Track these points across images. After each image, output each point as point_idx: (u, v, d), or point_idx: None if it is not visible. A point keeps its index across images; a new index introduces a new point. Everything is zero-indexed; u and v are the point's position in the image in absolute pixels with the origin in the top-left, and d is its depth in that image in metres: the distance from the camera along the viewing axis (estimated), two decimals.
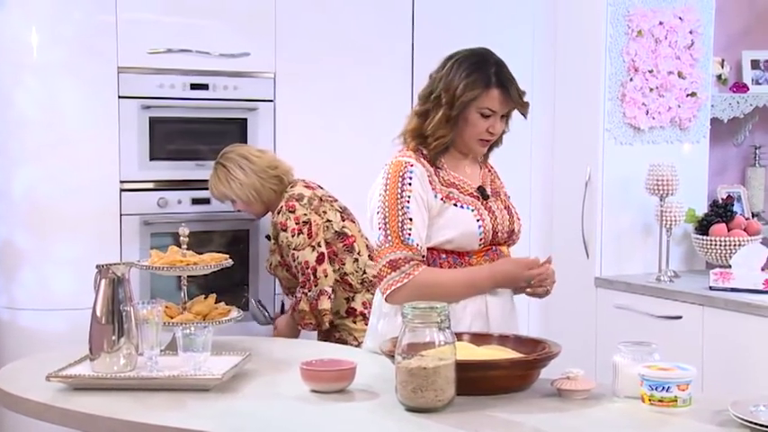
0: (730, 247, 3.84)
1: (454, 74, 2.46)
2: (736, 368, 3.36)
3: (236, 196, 3.24)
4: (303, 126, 3.59)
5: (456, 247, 2.44)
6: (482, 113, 2.46)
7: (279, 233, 3.16)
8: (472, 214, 2.46)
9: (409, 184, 2.40)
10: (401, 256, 2.37)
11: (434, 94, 2.48)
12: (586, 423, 1.91)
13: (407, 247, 2.37)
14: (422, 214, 2.40)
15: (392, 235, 2.38)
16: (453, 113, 2.44)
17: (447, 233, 2.43)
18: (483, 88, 2.45)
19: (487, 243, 2.48)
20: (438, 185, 2.45)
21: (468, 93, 2.43)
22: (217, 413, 1.98)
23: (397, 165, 2.44)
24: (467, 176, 2.54)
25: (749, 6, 4.57)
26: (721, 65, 4.41)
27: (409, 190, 2.40)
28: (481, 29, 3.86)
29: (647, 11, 3.91)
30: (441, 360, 1.92)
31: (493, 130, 2.50)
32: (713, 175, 4.32)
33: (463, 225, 2.44)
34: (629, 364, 2.05)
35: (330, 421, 1.95)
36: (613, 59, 3.89)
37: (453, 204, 2.45)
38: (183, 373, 2.14)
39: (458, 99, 2.43)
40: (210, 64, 3.43)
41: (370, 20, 3.72)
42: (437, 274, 2.41)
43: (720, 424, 1.86)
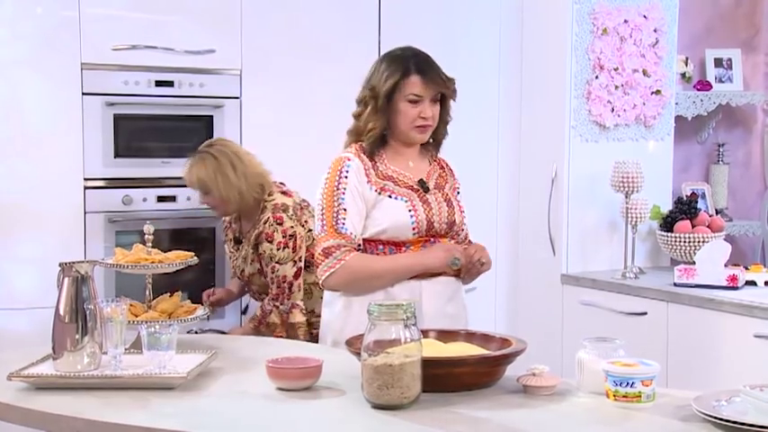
0: (694, 243, 3.87)
1: (376, 69, 2.61)
2: (700, 363, 3.40)
3: (218, 191, 3.15)
4: (269, 123, 3.58)
5: (390, 237, 2.54)
6: (409, 100, 2.57)
7: (262, 242, 3.13)
8: (405, 205, 2.56)
9: (345, 177, 2.53)
10: (333, 243, 2.50)
11: (362, 93, 2.62)
12: (551, 419, 1.92)
13: (340, 236, 2.50)
14: (357, 205, 2.53)
15: (327, 225, 2.52)
16: (380, 104, 2.56)
17: (381, 224, 2.54)
18: (402, 75, 2.56)
19: (422, 234, 2.58)
20: (374, 178, 2.56)
21: (389, 81, 2.55)
22: (182, 412, 1.96)
23: (337, 161, 2.58)
24: (408, 170, 2.63)
25: (712, 5, 4.62)
26: (685, 63, 4.45)
27: (345, 183, 2.53)
28: (447, 28, 3.88)
29: (612, 9, 3.94)
30: (407, 357, 1.92)
31: (424, 115, 2.58)
32: (677, 173, 4.37)
33: (395, 216, 2.55)
34: (593, 360, 2.06)
35: (296, 419, 1.94)
36: (579, 57, 3.92)
37: (387, 196, 2.56)
38: (147, 371, 2.12)
39: (381, 89, 2.55)
40: (176, 61, 3.41)
41: (337, 18, 3.71)
42: (367, 258, 2.54)
43: (683, 419, 1.87)
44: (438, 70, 2.59)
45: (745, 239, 4.68)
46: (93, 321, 2.19)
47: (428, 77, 2.56)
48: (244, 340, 2.90)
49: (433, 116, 2.60)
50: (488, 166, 4.04)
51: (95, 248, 3.27)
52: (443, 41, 3.78)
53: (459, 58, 3.82)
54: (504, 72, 4.05)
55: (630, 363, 2.00)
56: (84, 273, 2.22)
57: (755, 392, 1.84)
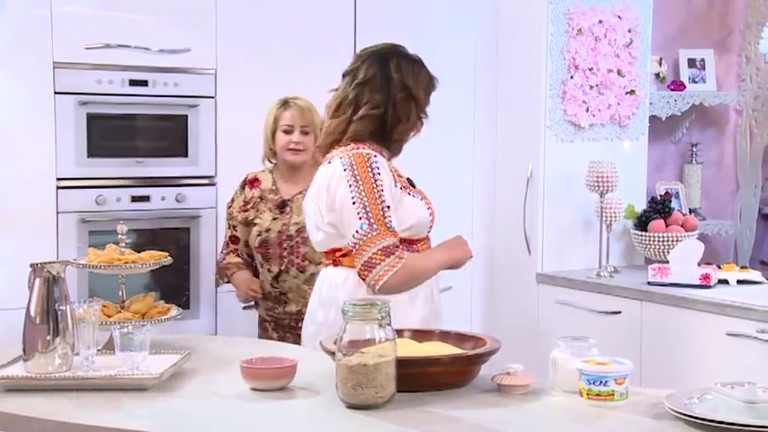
0: (668, 242, 3.90)
1: (408, 71, 2.56)
2: (674, 362, 3.42)
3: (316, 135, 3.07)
4: (245, 123, 3.55)
5: (412, 234, 2.52)
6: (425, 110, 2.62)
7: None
8: (422, 203, 2.56)
9: (378, 173, 2.46)
10: (392, 242, 2.43)
11: (401, 95, 2.54)
12: (525, 418, 1.92)
13: (393, 234, 2.44)
14: (393, 203, 2.47)
15: (377, 223, 2.42)
16: (421, 105, 2.58)
17: (407, 221, 2.50)
18: (432, 78, 2.63)
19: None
20: (395, 175, 2.53)
21: (429, 85, 2.60)
22: (155, 413, 1.95)
23: (359, 156, 2.47)
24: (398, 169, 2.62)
25: (686, 6, 4.65)
26: (659, 63, 4.48)
27: (380, 179, 2.45)
28: (423, 28, 3.88)
29: (587, 9, 3.95)
30: (381, 357, 1.92)
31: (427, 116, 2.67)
32: (652, 172, 4.39)
33: (419, 213, 2.53)
34: (567, 358, 2.07)
35: (270, 419, 1.93)
36: (554, 57, 3.93)
37: (408, 194, 2.53)
38: (120, 372, 2.10)
39: (425, 94, 2.58)
40: (150, 60, 3.39)
41: (313, 18, 3.71)
42: (417, 256, 2.52)
43: (656, 417, 1.88)
44: None
45: (719, 238, 4.71)
46: (64, 322, 2.17)
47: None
48: (218, 341, 2.89)
49: None
50: (464, 165, 4.05)
51: (68, 249, 3.25)
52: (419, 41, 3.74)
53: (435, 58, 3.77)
54: (479, 72, 4.06)
55: (604, 361, 2.01)
56: (56, 273, 2.20)
57: (727, 390, 1.86)
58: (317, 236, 2.55)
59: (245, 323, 3.48)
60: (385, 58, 2.56)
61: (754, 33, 4.50)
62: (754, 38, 4.45)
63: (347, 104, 2.55)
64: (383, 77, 2.53)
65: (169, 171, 3.47)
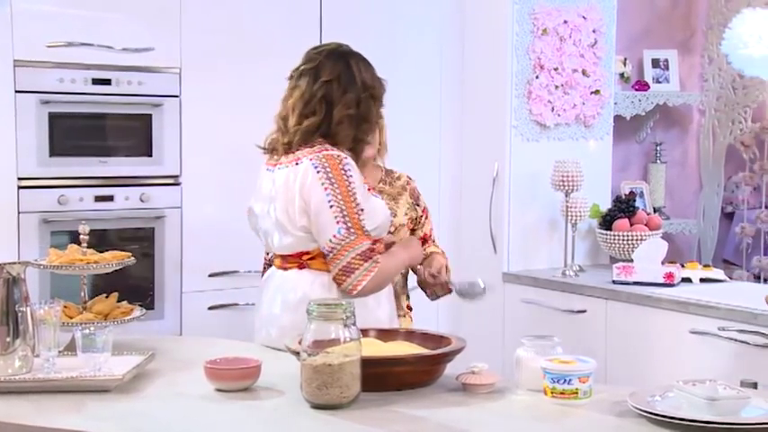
0: (632, 241, 3.93)
1: (368, 72, 2.56)
2: (638, 360, 3.45)
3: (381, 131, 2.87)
4: (210, 122, 3.54)
5: (376, 234, 2.51)
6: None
7: (419, 196, 2.97)
8: (384, 203, 2.57)
9: (351, 175, 2.44)
10: (368, 246, 2.42)
11: (365, 94, 2.53)
12: (490, 416, 1.93)
13: (369, 237, 2.43)
14: (365, 204, 2.47)
15: (354, 227, 2.40)
16: (379, 109, 2.59)
17: (373, 221, 2.48)
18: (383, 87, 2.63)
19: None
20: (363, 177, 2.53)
21: (383, 87, 2.59)
22: (117, 414, 1.94)
23: (331, 158, 2.44)
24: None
25: (650, 7, 4.69)
26: (624, 63, 4.52)
27: (353, 181, 2.44)
28: (389, 27, 3.88)
29: (552, 10, 3.97)
30: (346, 357, 1.92)
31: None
32: (616, 172, 4.42)
33: (383, 214, 2.53)
34: (531, 357, 2.08)
35: (234, 420, 1.93)
36: (520, 57, 3.95)
37: (372, 195, 2.53)
38: (81, 374, 2.08)
39: (381, 95, 2.58)
40: (113, 58, 3.35)
41: (278, 17, 3.69)
42: (387, 259, 2.50)
43: (619, 415, 1.90)
44: None
45: (682, 237, 4.76)
46: (25, 324, 2.14)
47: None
48: (183, 341, 2.87)
49: None
50: (430, 165, 4.05)
51: (29, 249, 3.21)
52: (385, 41, 3.79)
53: (401, 58, 3.83)
54: (445, 72, 4.06)
55: (568, 360, 2.02)
56: (16, 274, 2.18)
57: (688, 387, 1.88)
58: (285, 239, 2.50)
59: (210, 324, 3.46)
60: (346, 57, 2.55)
61: (717, 34, 4.54)
62: (717, 39, 4.50)
63: (317, 103, 2.51)
64: (349, 76, 2.52)
65: (133, 171, 3.43)
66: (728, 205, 4.93)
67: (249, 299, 3.36)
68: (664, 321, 3.39)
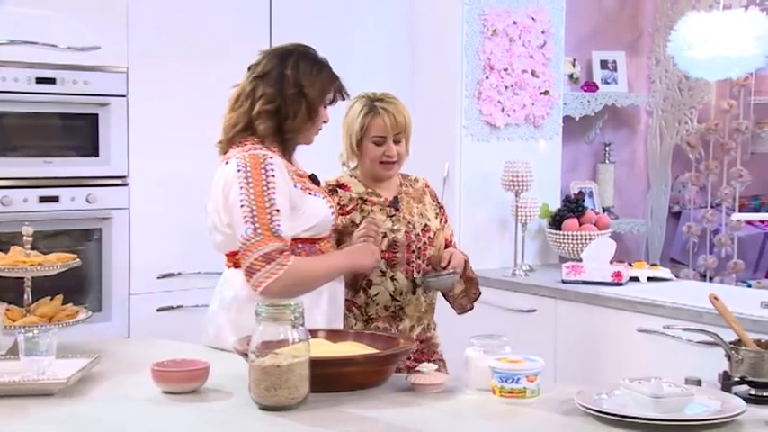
0: (581, 241, 3.97)
1: (309, 70, 2.54)
2: (587, 358, 3.48)
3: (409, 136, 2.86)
4: (157, 122, 3.51)
5: (314, 234, 2.50)
6: (327, 105, 2.60)
7: (438, 199, 3.01)
8: (324, 202, 2.55)
9: (272, 175, 2.42)
10: (274, 248, 2.37)
11: (292, 92, 2.51)
12: (439, 416, 1.93)
13: (279, 239, 2.38)
14: (285, 206, 2.43)
15: (262, 228, 2.37)
16: (314, 108, 2.54)
17: (308, 221, 2.48)
18: (334, 81, 2.58)
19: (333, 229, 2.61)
20: (294, 176, 2.50)
21: (326, 86, 2.55)
22: (61, 418, 1.91)
23: (254, 157, 2.44)
24: (300, 167, 2.62)
25: (598, 9, 4.75)
26: (573, 65, 4.56)
27: (273, 182, 2.41)
28: (338, 27, 3.87)
29: (502, 11, 4.00)
30: (294, 357, 1.91)
31: (327, 120, 2.62)
32: (566, 172, 4.47)
33: (321, 212, 2.52)
34: (480, 357, 2.09)
35: (181, 423, 1.91)
36: (470, 58, 3.97)
37: (309, 193, 2.51)
38: (24, 378, 2.05)
39: (319, 94, 2.54)
40: (58, 57, 3.30)
41: (227, 16, 3.67)
42: (306, 261, 2.46)
43: (566, 413, 1.91)
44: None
45: (630, 237, 4.82)
46: None
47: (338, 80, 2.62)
48: (131, 343, 2.83)
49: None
50: None
51: None
52: (335, 41, 3.77)
53: (351, 58, 3.83)
54: (396, 72, 4.07)
55: (516, 359, 2.03)
56: None
57: (634, 385, 1.89)
58: (217, 237, 2.52)
59: (159, 325, 3.43)
60: (285, 56, 2.56)
61: (663, 36, 4.61)
62: (663, 41, 4.57)
63: (244, 97, 2.54)
64: (278, 73, 2.52)
65: (79, 171, 3.39)
66: (675, 205, 5.01)
67: (198, 300, 3.33)
68: (612, 320, 3.43)
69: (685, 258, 4.88)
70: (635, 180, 4.96)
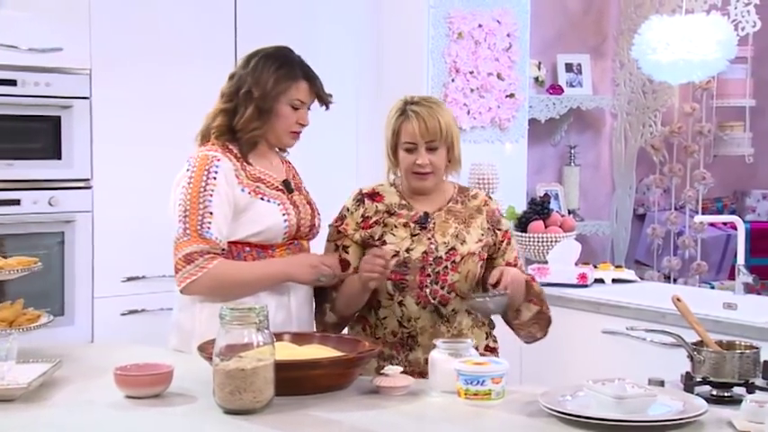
0: (547, 243, 3.99)
1: (262, 69, 2.53)
2: (552, 360, 3.50)
3: (454, 147, 2.57)
4: (121, 124, 3.48)
5: (262, 240, 2.49)
6: (293, 105, 2.55)
7: (500, 220, 2.66)
8: (278, 208, 2.51)
9: (214, 178, 2.44)
10: (197, 249, 2.40)
11: (243, 90, 2.52)
12: (404, 419, 1.94)
13: (205, 241, 2.40)
14: (223, 209, 2.43)
15: (191, 229, 2.41)
16: (266, 107, 2.52)
17: (254, 227, 2.47)
18: (293, 81, 2.54)
19: (291, 237, 2.54)
20: (245, 180, 2.49)
21: (281, 86, 2.52)
22: (22, 424, 1.89)
23: (204, 159, 2.47)
24: (273, 170, 2.59)
25: (562, 13, 4.79)
26: (538, 67, 4.59)
27: (213, 184, 2.43)
28: (304, 30, 3.86)
29: (467, 14, 4.02)
30: (259, 361, 1.91)
31: (302, 122, 2.58)
32: (532, 174, 4.50)
33: (270, 219, 2.49)
34: (445, 359, 2.10)
35: (144, 428, 1.90)
36: (435, 61, 3.99)
37: (260, 198, 2.49)
38: None
39: (270, 92, 2.51)
40: (19, 59, 3.26)
41: (192, 18, 3.65)
42: (232, 265, 2.45)
43: (530, 414, 1.93)
44: (318, 77, 2.62)
45: (596, 239, 4.86)
46: None
47: (315, 84, 2.58)
48: (95, 348, 2.81)
49: (307, 121, 2.62)
50: (348, 167, 4.05)
51: None
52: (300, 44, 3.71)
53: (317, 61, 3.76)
54: (362, 75, 4.07)
55: (481, 362, 2.06)
56: None
57: (597, 386, 1.91)
58: (173, 234, 2.52)
59: (123, 329, 3.40)
60: (252, 56, 2.58)
61: (627, 40, 4.66)
62: (627, 44, 4.62)
63: (218, 97, 2.59)
64: (241, 74, 2.55)
65: (41, 174, 3.35)
66: (640, 207, 5.06)
67: (162, 304, 3.31)
68: (577, 322, 3.46)
69: (650, 260, 4.93)
70: (600, 182, 5.00)
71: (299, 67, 2.57)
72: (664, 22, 4.05)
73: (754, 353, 2.15)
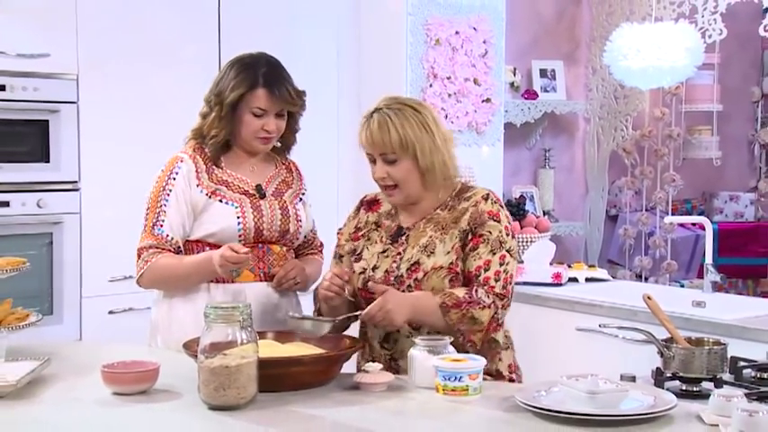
0: (522, 243, 4.04)
1: (225, 75, 2.58)
2: (527, 357, 3.54)
3: (423, 156, 2.32)
4: (109, 129, 3.51)
5: (217, 240, 2.53)
6: (253, 113, 2.53)
7: (484, 222, 2.35)
8: (234, 211, 2.54)
9: (174, 178, 2.55)
10: (146, 244, 2.53)
11: (209, 95, 2.59)
12: (384, 414, 1.97)
13: (154, 237, 2.53)
14: (179, 208, 2.53)
15: (147, 225, 2.55)
16: (223, 113, 2.54)
17: (209, 227, 2.54)
18: (248, 88, 2.52)
19: (250, 240, 2.54)
20: (206, 182, 2.55)
21: (234, 92, 2.52)
22: (10, 421, 1.91)
23: (172, 160, 2.59)
24: (249, 174, 2.61)
25: (537, 20, 4.85)
26: (513, 73, 4.66)
27: (172, 184, 2.54)
28: (287, 35, 3.90)
29: (444, 21, 4.08)
30: (243, 358, 1.95)
31: (267, 128, 2.55)
32: (508, 176, 4.56)
33: (224, 221, 2.53)
34: (424, 356, 2.13)
35: (130, 424, 1.92)
36: (414, 66, 4.04)
37: (218, 200, 2.55)
38: None
39: (226, 99, 2.53)
40: (7, 64, 3.29)
41: (176, 22, 3.68)
42: (168, 260, 2.52)
43: (507, 410, 1.96)
44: (287, 85, 2.55)
45: (570, 239, 4.93)
46: None
47: (275, 92, 2.51)
48: (83, 346, 2.82)
49: (278, 128, 2.57)
50: (329, 169, 4.09)
51: None
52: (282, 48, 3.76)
53: (299, 65, 3.80)
54: (342, 79, 4.11)
55: (459, 358, 2.09)
56: None
57: (571, 382, 1.96)
58: None
59: (111, 328, 3.43)
60: (228, 62, 2.62)
61: (599, 47, 4.74)
62: (599, 51, 4.69)
63: None
64: (216, 78, 2.61)
65: (29, 176, 3.37)
66: (612, 208, 5.14)
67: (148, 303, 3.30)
68: (551, 319, 3.52)
69: (622, 260, 5.01)
70: (574, 184, 5.07)
71: (261, 74, 2.52)
72: (634, 30, 4.12)
73: (721, 349, 2.20)
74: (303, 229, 2.68)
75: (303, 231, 2.69)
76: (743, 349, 2.47)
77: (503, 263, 2.33)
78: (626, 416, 1.86)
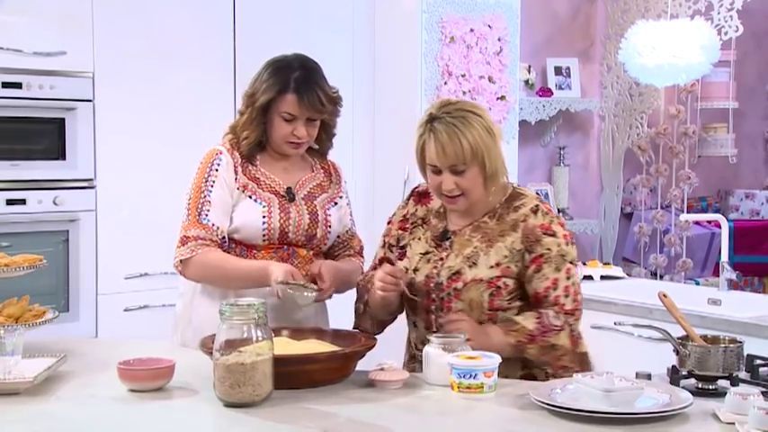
0: None
1: (259, 77, 2.56)
2: None
3: (490, 163, 2.25)
4: (124, 127, 3.54)
5: (242, 237, 2.53)
6: (283, 117, 2.51)
7: (539, 240, 2.27)
8: (261, 210, 2.52)
9: (216, 169, 2.52)
10: (192, 233, 2.49)
11: (244, 94, 2.59)
12: (399, 411, 1.98)
13: (201, 226, 2.49)
14: (223, 199, 2.51)
15: (191, 214, 2.51)
16: (255, 115, 2.53)
17: (236, 222, 2.52)
18: (278, 92, 2.50)
19: (274, 241, 2.53)
20: (241, 177, 2.54)
21: (265, 95, 2.51)
22: (28, 417, 1.92)
23: (210, 152, 2.57)
24: (281, 175, 2.59)
25: (552, 18, 4.85)
26: (528, 71, 4.66)
27: (215, 175, 2.52)
28: (301, 34, 3.92)
29: (459, 19, 4.08)
30: (258, 356, 1.95)
31: (297, 134, 2.52)
32: (522, 174, 4.56)
33: (249, 218, 2.52)
34: (439, 354, 2.13)
35: (147, 420, 1.93)
36: (429, 64, 4.04)
37: (248, 197, 2.53)
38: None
39: (257, 101, 2.52)
40: (24, 62, 3.32)
41: (191, 22, 3.70)
42: (217, 257, 2.49)
43: (521, 407, 1.96)
44: (318, 91, 2.50)
45: (585, 237, 4.93)
46: None
47: (304, 99, 2.47)
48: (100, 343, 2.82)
49: (308, 134, 2.54)
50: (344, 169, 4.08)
51: None
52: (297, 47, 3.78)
53: None
54: (357, 78, 4.12)
55: (474, 356, 2.09)
56: None
57: (586, 380, 1.95)
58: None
59: (126, 325, 3.45)
60: (266, 64, 2.59)
61: (614, 44, 4.73)
62: (614, 48, 4.69)
63: None
64: (251, 80, 2.60)
65: (46, 174, 3.41)
66: (627, 206, 5.13)
67: (164, 300, 3.37)
68: None
69: (637, 257, 5.00)
70: (589, 182, 5.07)
71: (293, 79, 2.49)
72: (650, 27, 4.11)
73: (737, 347, 2.19)
74: (332, 234, 2.65)
75: (332, 237, 2.65)
76: (759, 347, 2.45)
77: (569, 276, 2.28)
78: (641, 414, 1.86)
